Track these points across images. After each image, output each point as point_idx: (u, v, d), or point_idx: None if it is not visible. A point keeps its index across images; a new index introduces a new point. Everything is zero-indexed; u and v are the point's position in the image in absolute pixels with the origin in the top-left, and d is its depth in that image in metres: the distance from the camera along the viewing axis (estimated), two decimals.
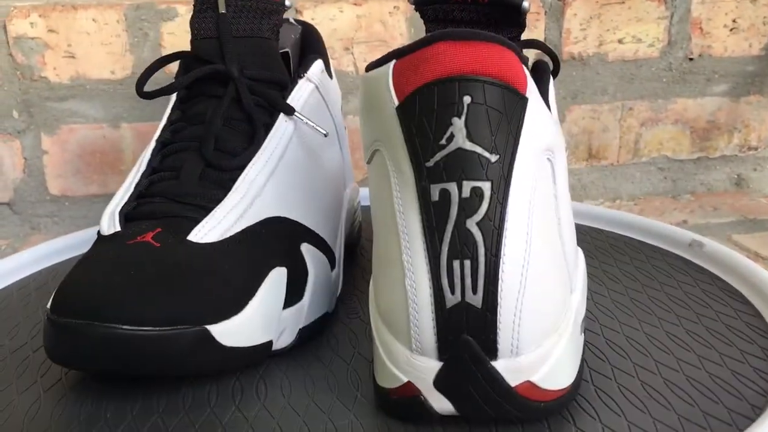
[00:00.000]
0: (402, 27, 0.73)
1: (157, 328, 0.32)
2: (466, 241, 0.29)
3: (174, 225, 0.38)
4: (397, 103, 0.31)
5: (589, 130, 0.78)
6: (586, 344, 0.40)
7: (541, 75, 0.38)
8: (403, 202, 0.31)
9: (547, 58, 0.44)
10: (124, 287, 0.33)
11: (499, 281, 0.29)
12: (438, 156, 0.30)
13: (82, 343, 0.32)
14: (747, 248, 0.66)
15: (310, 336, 0.41)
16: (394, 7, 0.72)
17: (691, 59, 0.78)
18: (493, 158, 0.29)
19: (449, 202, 0.30)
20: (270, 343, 0.38)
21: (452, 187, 0.30)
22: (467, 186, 0.29)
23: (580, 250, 0.38)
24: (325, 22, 0.72)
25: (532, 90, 0.31)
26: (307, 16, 0.72)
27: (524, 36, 0.39)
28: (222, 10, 0.43)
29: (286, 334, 0.39)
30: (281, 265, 0.39)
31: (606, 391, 0.35)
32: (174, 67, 0.48)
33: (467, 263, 0.29)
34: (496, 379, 0.30)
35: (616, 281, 0.48)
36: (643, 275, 0.49)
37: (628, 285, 0.47)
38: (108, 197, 0.73)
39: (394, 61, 0.31)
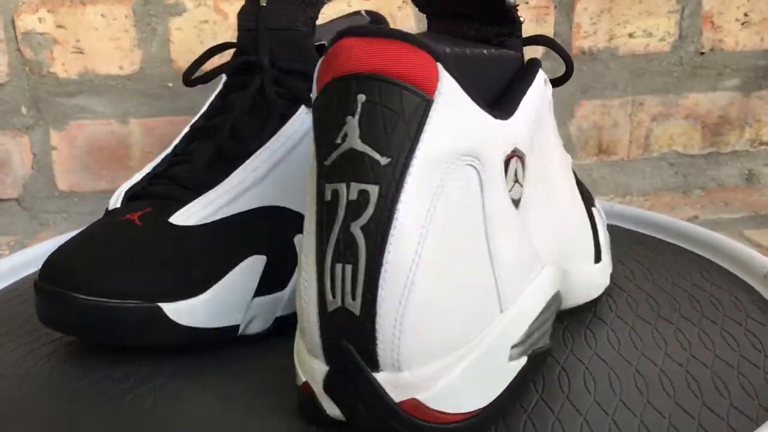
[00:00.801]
0: (411, 21, 0.72)
1: (112, 300, 0.36)
2: (349, 245, 0.28)
3: (164, 207, 0.40)
4: (314, 98, 0.30)
5: (599, 125, 0.78)
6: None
7: (527, 74, 0.36)
8: (309, 199, 0.30)
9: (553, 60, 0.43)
10: (93, 260, 0.37)
11: (378, 290, 0.28)
12: (334, 155, 0.28)
13: (52, 307, 0.37)
14: (759, 244, 0.66)
15: (291, 325, 0.41)
16: (403, 2, 0.72)
17: (702, 53, 0.77)
18: (384, 161, 0.28)
19: (338, 204, 0.28)
20: (236, 327, 0.39)
21: (342, 188, 0.28)
22: (355, 188, 0.28)
23: (563, 268, 0.38)
24: (334, 16, 0.71)
25: (447, 92, 0.28)
26: None
27: (535, 31, 0.39)
28: (263, 3, 0.44)
29: (258, 321, 0.40)
30: (260, 254, 0.40)
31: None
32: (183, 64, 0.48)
33: (348, 268, 0.28)
34: (378, 392, 0.29)
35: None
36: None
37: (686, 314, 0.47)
38: None
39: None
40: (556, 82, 0.40)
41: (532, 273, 0.34)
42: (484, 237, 0.30)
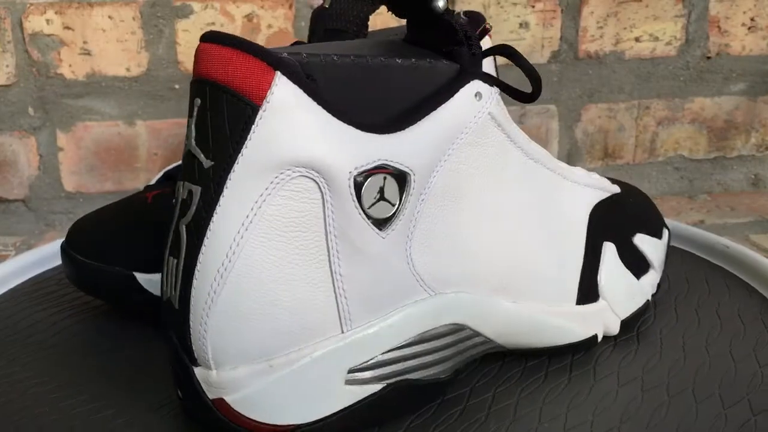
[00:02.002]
0: None
1: (100, 264, 0.43)
2: (177, 241, 0.29)
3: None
4: None
5: (605, 129, 0.78)
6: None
7: (446, 88, 0.33)
8: None
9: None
10: (96, 228, 0.44)
11: (192, 287, 0.29)
12: (183, 154, 0.30)
13: (66, 263, 0.44)
14: (765, 249, 0.66)
15: None
16: None
17: (708, 58, 0.77)
18: (207, 164, 0.28)
19: (176, 201, 0.30)
20: None
21: (180, 186, 0.30)
22: (186, 188, 0.29)
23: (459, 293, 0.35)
24: None
25: (281, 100, 0.28)
26: None
27: (542, 36, 0.38)
28: (326, 5, 0.44)
29: None
30: None
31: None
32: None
33: (174, 262, 0.30)
34: (195, 386, 0.30)
35: None
36: None
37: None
38: (123, 194, 0.73)
39: None
40: (525, 99, 0.37)
41: (407, 299, 0.32)
42: (326, 253, 0.30)
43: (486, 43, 0.36)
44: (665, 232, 0.44)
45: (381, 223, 0.31)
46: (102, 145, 0.72)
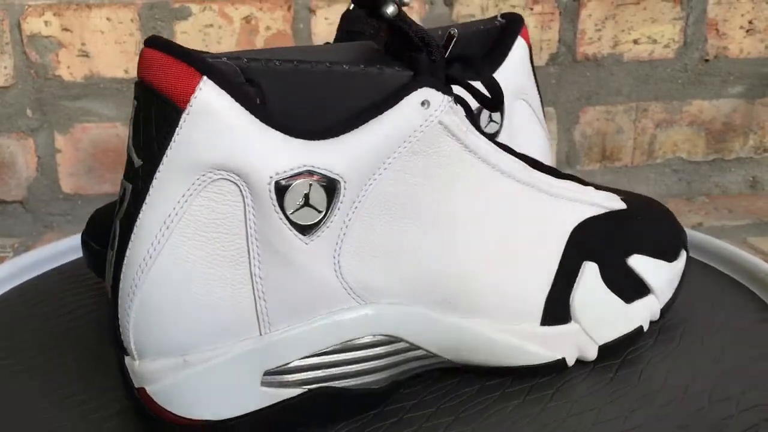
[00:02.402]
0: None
1: (103, 248, 0.44)
2: (114, 235, 0.31)
3: None
4: None
5: (603, 132, 0.78)
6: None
7: (392, 96, 0.32)
8: None
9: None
10: (106, 217, 0.45)
11: (120, 280, 0.30)
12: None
13: (87, 255, 0.46)
14: (763, 251, 0.66)
15: None
16: (408, 6, 0.72)
17: (706, 60, 0.77)
18: (137, 163, 0.30)
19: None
20: None
21: (121, 183, 0.31)
22: (123, 184, 0.31)
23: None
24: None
25: (205, 104, 0.29)
26: (320, 16, 0.71)
27: (540, 38, 0.38)
28: (350, 6, 0.45)
29: None
30: None
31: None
32: None
33: (112, 254, 0.31)
34: (125, 374, 0.32)
35: None
36: None
37: None
38: None
39: None
40: (489, 106, 0.37)
41: (332, 306, 0.32)
42: (246, 255, 0.30)
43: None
44: (682, 254, 0.41)
45: (305, 229, 0.31)
46: (100, 146, 0.72)
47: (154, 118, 0.29)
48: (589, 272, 0.37)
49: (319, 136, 0.31)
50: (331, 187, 0.31)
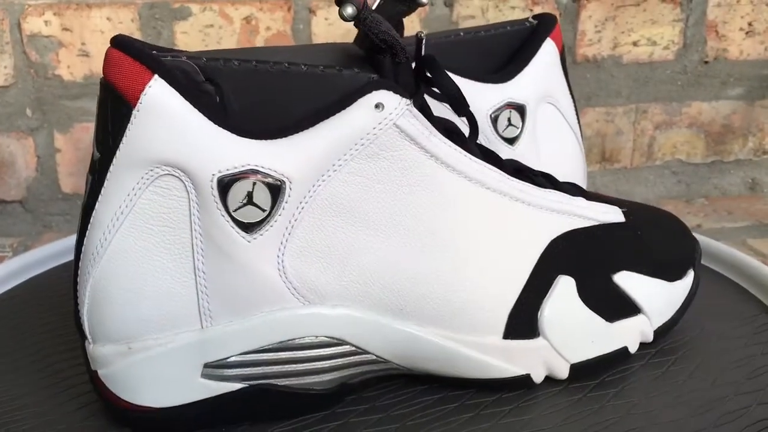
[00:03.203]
0: (416, 27, 0.73)
1: None
2: (80, 224, 0.32)
3: None
4: None
5: (603, 133, 0.78)
6: None
7: (343, 101, 0.32)
8: None
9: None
10: None
11: (78, 267, 0.32)
12: None
13: None
14: (762, 253, 0.66)
15: None
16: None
17: (706, 62, 0.77)
18: (96, 156, 0.32)
19: None
20: None
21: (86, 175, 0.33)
22: (87, 176, 0.32)
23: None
24: (339, 21, 0.72)
25: (154, 102, 0.30)
26: (321, 16, 0.71)
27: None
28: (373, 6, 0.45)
29: None
30: None
31: None
32: None
33: (77, 243, 0.33)
34: (86, 357, 0.33)
35: None
36: None
37: None
38: None
39: None
40: (456, 111, 0.36)
41: (274, 305, 0.33)
42: (191, 250, 0.32)
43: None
44: (689, 274, 0.39)
45: (248, 227, 0.32)
46: None
47: (111, 114, 0.31)
48: (564, 287, 0.35)
49: (268, 135, 0.31)
50: (275, 187, 0.31)
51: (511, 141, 0.47)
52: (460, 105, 0.35)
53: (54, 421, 0.35)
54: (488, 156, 0.37)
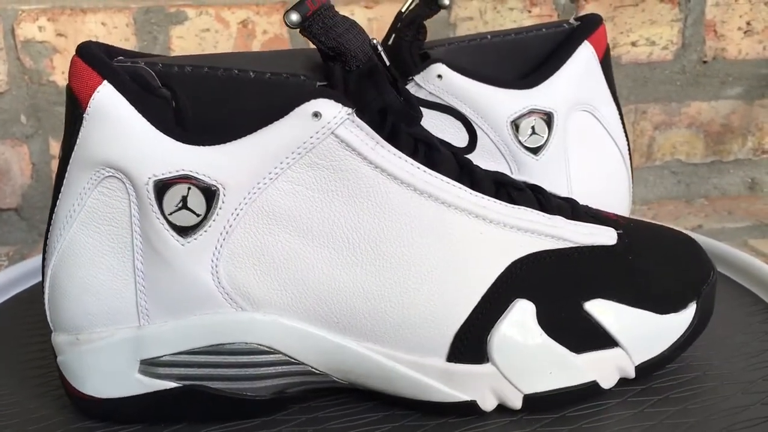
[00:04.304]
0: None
1: None
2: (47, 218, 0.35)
3: None
4: None
5: None
6: None
7: (286, 107, 0.32)
8: None
9: None
10: None
11: (44, 261, 0.34)
12: None
13: None
14: (764, 253, 0.66)
15: None
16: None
17: (704, 62, 0.77)
18: (60, 156, 0.33)
19: None
20: None
21: None
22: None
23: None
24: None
25: (102, 107, 0.31)
26: None
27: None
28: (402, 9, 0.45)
29: None
30: None
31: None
32: None
33: None
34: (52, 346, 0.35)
35: None
36: None
37: None
38: None
39: None
40: (465, 150, 0.36)
41: (207, 309, 0.33)
42: (131, 250, 0.33)
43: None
44: (690, 307, 0.36)
45: (183, 231, 0.32)
46: None
47: (69, 117, 0.33)
48: (520, 312, 0.33)
49: (207, 141, 0.32)
50: (209, 193, 0.32)
51: (534, 150, 0.44)
52: (406, 118, 0.34)
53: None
54: (463, 169, 0.35)
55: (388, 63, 0.34)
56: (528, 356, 0.33)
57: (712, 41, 0.76)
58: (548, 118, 0.45)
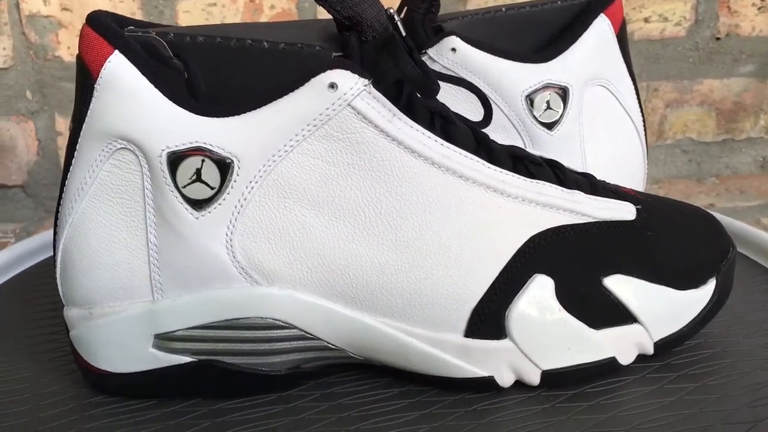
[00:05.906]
0: None
1: None
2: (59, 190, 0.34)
3: None
4: None
5: None
6: None
7: (296, 81, 0.31)
8: None
9: None
10: None
11: (56, 234, 0.34)
12: None
13: None
14: None
15: None
16: None
17: (718, 39, 0.76)
18: (71, 127, 0.33)
19: None
20: None
21: None
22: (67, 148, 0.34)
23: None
24: None
25: (113, 76, 0.31)
26: (321, 10, 0.70)
27: None
28: None
29: None
30: None
31: None
32: None
33: None
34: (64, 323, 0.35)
35: None
36: None
37: None
38: None
39: None
40: (481, 124, 0.35)
41: (221, 283, 0.32)
42: (144, 223, 0.32)
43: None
44: (709, 282, 0.35)
45: (197, 204, 0.32)
46: None
47: (80, 88, 0.32)
48: (539, 287, 0.33)
49: (221, 113, 0.31)
50: (223, 165, 0.31)
51: (549, 126, 0.44)
52: (426, 88, 0.33)
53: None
54: (480, 143, 0.34)
55: (404, 33, 0.34)
56: (546, 332, 0.33)
57: (725, 18, 0.75)
58: (563, 93, 0.44)
